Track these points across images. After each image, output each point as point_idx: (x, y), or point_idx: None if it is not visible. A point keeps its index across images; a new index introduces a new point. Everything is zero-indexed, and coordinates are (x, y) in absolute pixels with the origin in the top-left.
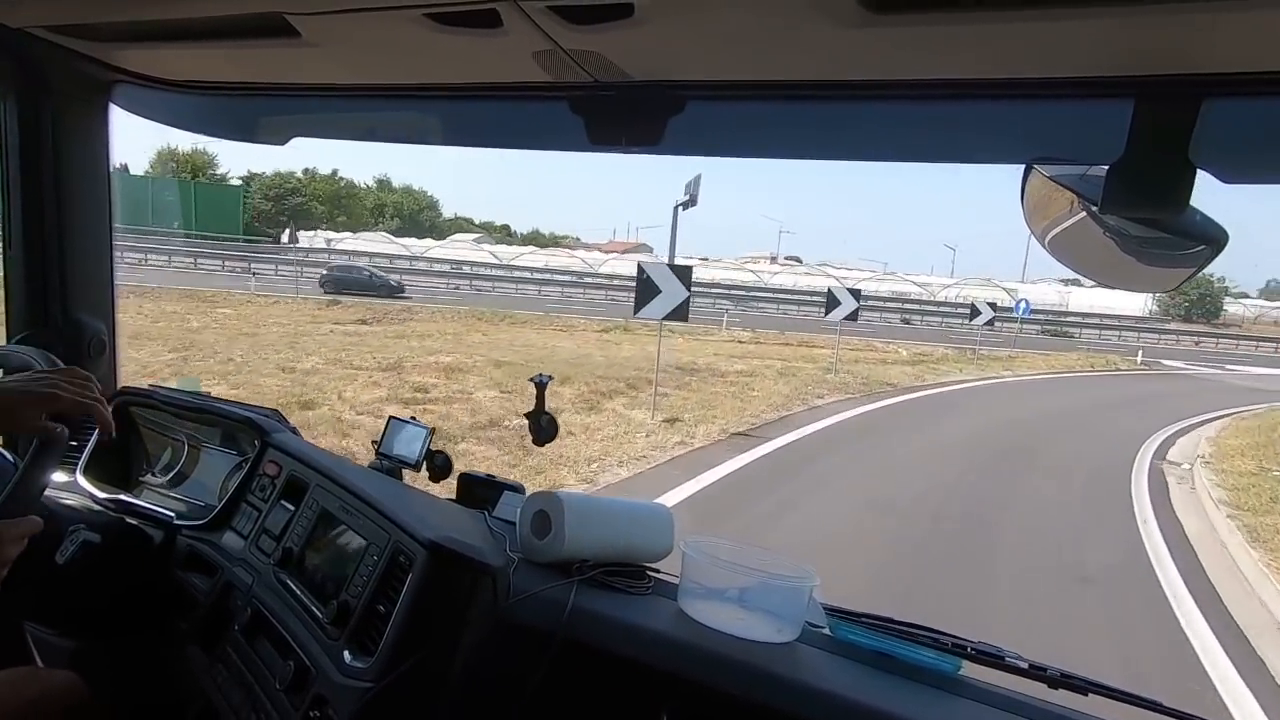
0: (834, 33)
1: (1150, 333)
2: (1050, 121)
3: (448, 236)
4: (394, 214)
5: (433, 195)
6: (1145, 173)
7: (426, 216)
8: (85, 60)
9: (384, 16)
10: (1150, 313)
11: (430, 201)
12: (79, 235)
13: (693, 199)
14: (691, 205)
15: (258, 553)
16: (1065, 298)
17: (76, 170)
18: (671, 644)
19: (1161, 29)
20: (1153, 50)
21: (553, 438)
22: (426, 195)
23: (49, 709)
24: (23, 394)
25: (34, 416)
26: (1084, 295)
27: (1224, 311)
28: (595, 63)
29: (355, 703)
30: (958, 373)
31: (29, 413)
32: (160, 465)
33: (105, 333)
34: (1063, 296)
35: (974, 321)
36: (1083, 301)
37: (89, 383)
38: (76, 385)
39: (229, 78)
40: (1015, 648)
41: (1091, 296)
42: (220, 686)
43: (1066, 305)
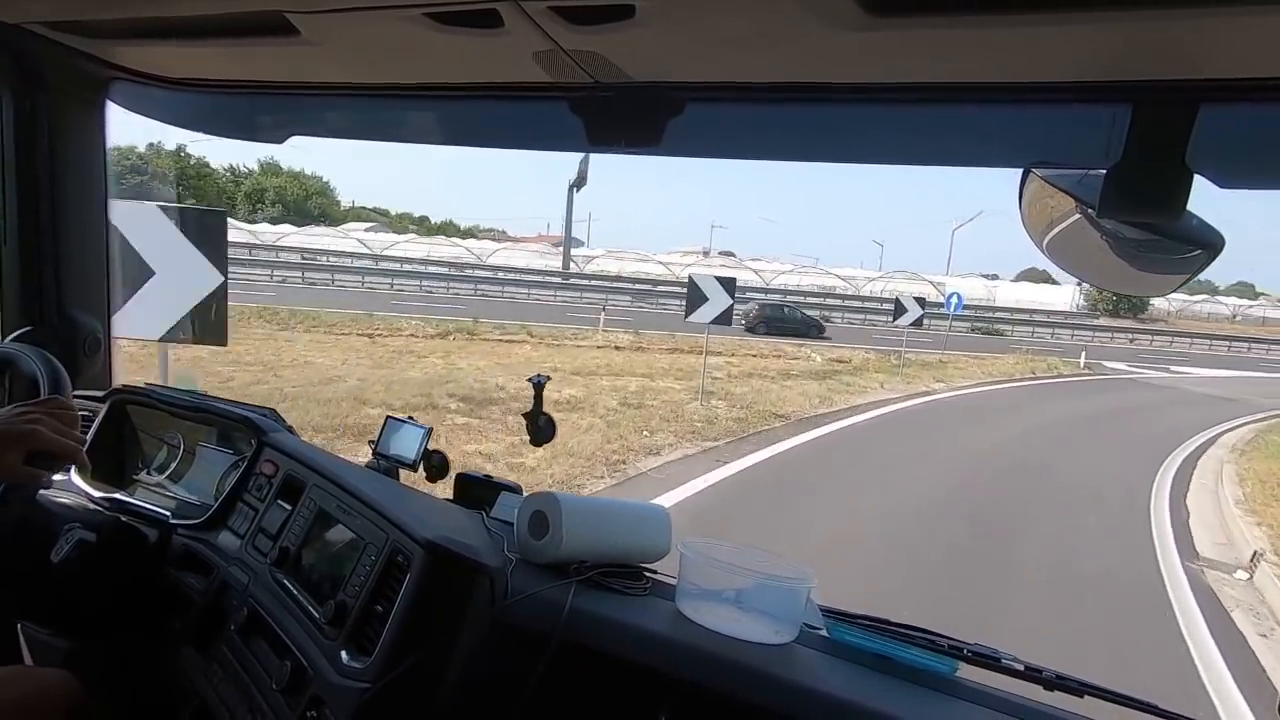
0: (833, 35)
1: (1082, 329)
2: (1048, 126)
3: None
4: (275, 200)
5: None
6: (1143, 177)
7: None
8: (82, 57)
9: (384, 16)
10: (1077, 306)
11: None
12: (75, 233)
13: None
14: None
15: (254, 552)
16: (992, 292)
17: (72, 167)
18: (669, 645)
19: (1160, 35)
20: (1151, 56)
21: (550, 438)
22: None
23: (42, 707)
24: (1, 433)
25: (12, 459)
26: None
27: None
28: (595, 63)
29: (352, 703)
30: (878, 387)
31: (7, 454)
32: (156, 464)
33: (100, 330)
34: (990, 291)
35: (899, 321)
36: (1009, 296)
37: (71, 416)
38: (58, 421)
39: (227, 76)
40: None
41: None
42: (216, 687)
43: (994, 300)
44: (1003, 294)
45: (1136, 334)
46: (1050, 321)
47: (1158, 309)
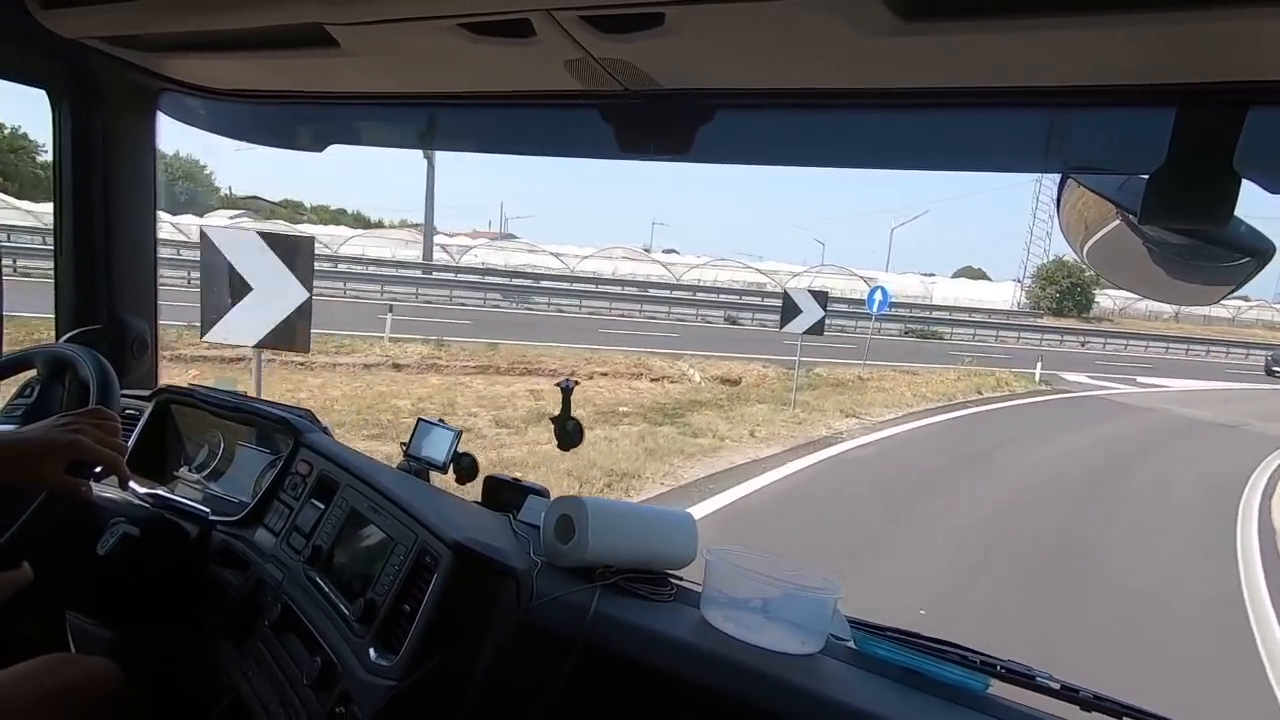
0: (866, 41)
1: (1028, 331)
2: (1088, 130)
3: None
4: None
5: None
6: (1187, 182)
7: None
8: (135, 69)
9: (419, 27)
10: (1019, 304)
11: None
12: (126, 238)
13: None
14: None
15: (288, 550)
16: (929, 289)
17: (125, 175)
18: (693, 652)
19: (1206, 36)
20: (1197, 57)
21: (578, 443)
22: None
23: (87, 694)
24: (44, 443)
25: (54, 468)
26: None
27: (1094, 304)
28: (626, 71)
29: (379, 700)
30: (746, 436)
31: (49, 463)
32: (197, 462)
33: (148, 332)
34: (927, 288)
35: (789, 327)
36: (947, 294)
37: (113, 426)
38: (100, 431)
39: (270, 86)
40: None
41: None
42: (250, 680)
43: (931, 298)
44: (941, 291)
45: (1087, 335)
46: (993, 323)
47: (1101, 307)
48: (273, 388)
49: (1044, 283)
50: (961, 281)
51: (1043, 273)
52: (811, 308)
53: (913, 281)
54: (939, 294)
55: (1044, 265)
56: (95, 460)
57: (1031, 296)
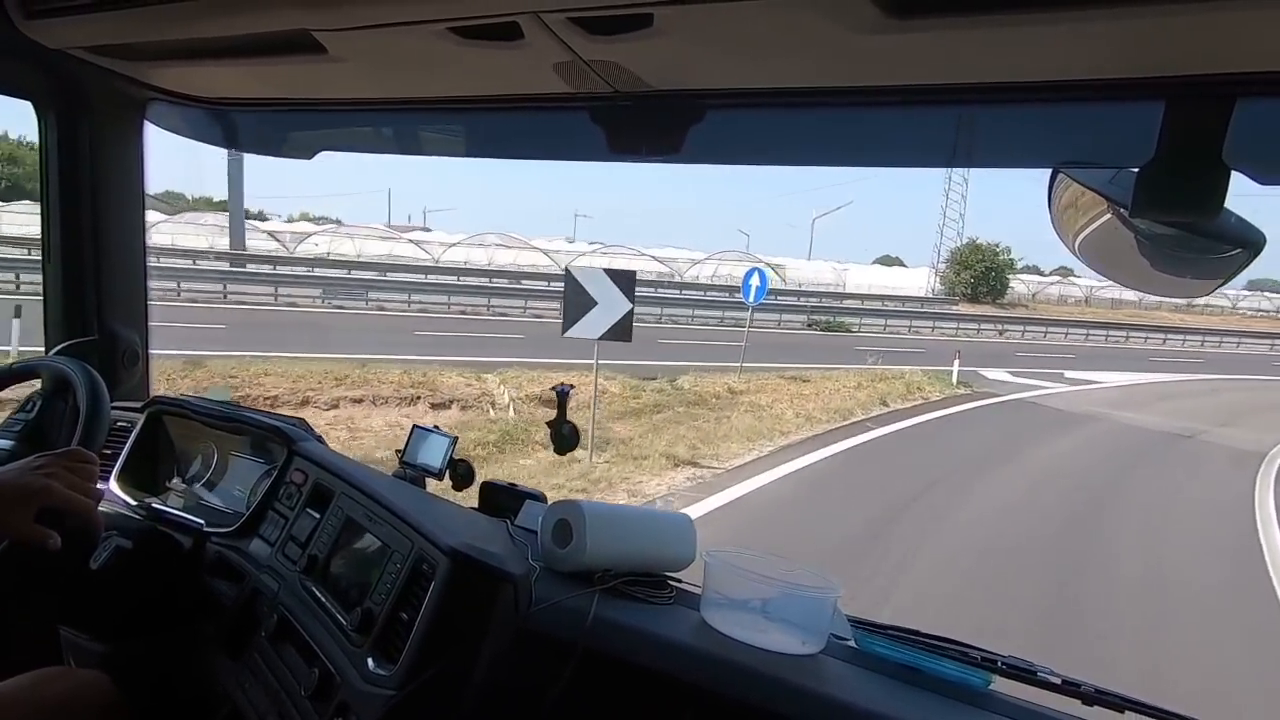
0: (854, 38)
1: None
2: (1077, 124)
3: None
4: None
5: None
6: (1177, 175)
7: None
8: (121, 79)
9: (407, 31)
10: (934, 290)
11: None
12: (114, 248)
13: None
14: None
15: (284, 560)
16: (842, 276)
17: (113, 185)
18: (694, 655)
19: (1193, 29)
20: (1185, 50)
21: (574, 446)
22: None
23: (80, 707)
24: (15, 487)
25: (24, 515)
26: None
27: (1009, 289)
28: (615, 73)
29: (378, 710)
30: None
31: (19, 511)
32: (191, 473)
33: (139, 343)
34: (839, 275)
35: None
36: (860, 281)
37: (89, 471)
38: (75, 476)
39: (258, 94)
40: None
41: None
42: (246, 692)
43: (844, 286)
44: (855, 278)
45: (1005, 323)
46: (905, 312)
47: (1016, 292)
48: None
49: (958, 267)
50: (876, 268)
51: (957, 257)
52: (611, 297)
53: (824, 269)
54: (853, 281)
55: (958, 249)
56: (67, 508)
57: (946, 282)
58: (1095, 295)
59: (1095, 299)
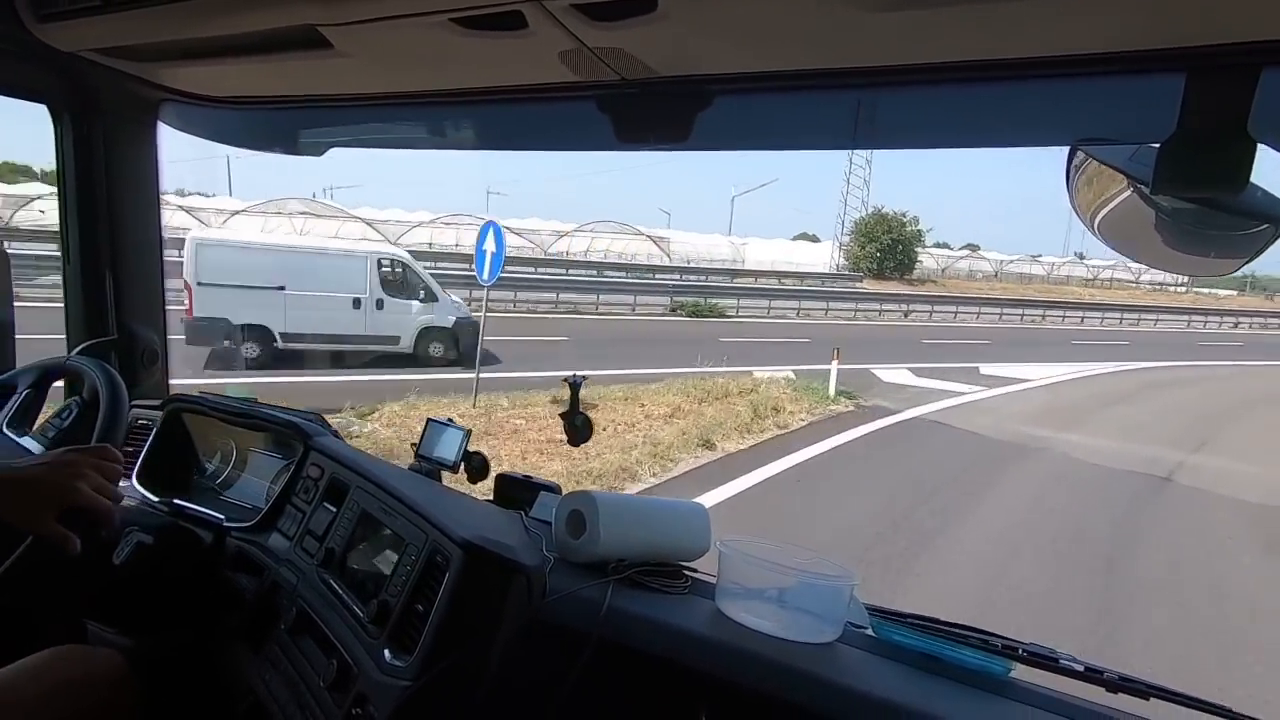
0: (861, 17)
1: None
2: (1095, 99)
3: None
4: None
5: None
6: (1200, 150)
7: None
8: (133, 80)
9: (411, 24)
10: (838, 266)
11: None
12: (131, 249)
13: None
14: None
15: (302, 553)
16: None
17: (128, 186)
18: (709, 644)
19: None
20: (1205, 20)
21: (588, 438)
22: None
23: (92, 684)
24: (45, 485)
25: (48, 514)
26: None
27: (916, 265)
28: (620, 59)
29: (394, 701)
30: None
31: (44, 509)
32: (210, 469)
33: (157, 342)
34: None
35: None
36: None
37: (114, 471)
38: (100, 476)
39: (267, 92)
40: None
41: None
42: (267, 684)
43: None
44: (755, 254)
45: (911, 302)
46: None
47: (925, 267)
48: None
49: (863, 240)
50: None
51: (862, 228)
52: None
53: (718, 242)
54: (754, 257)
55: (862, 219)
56: (90, 510)
57: (850, 257)
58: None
59: (1005, 273)
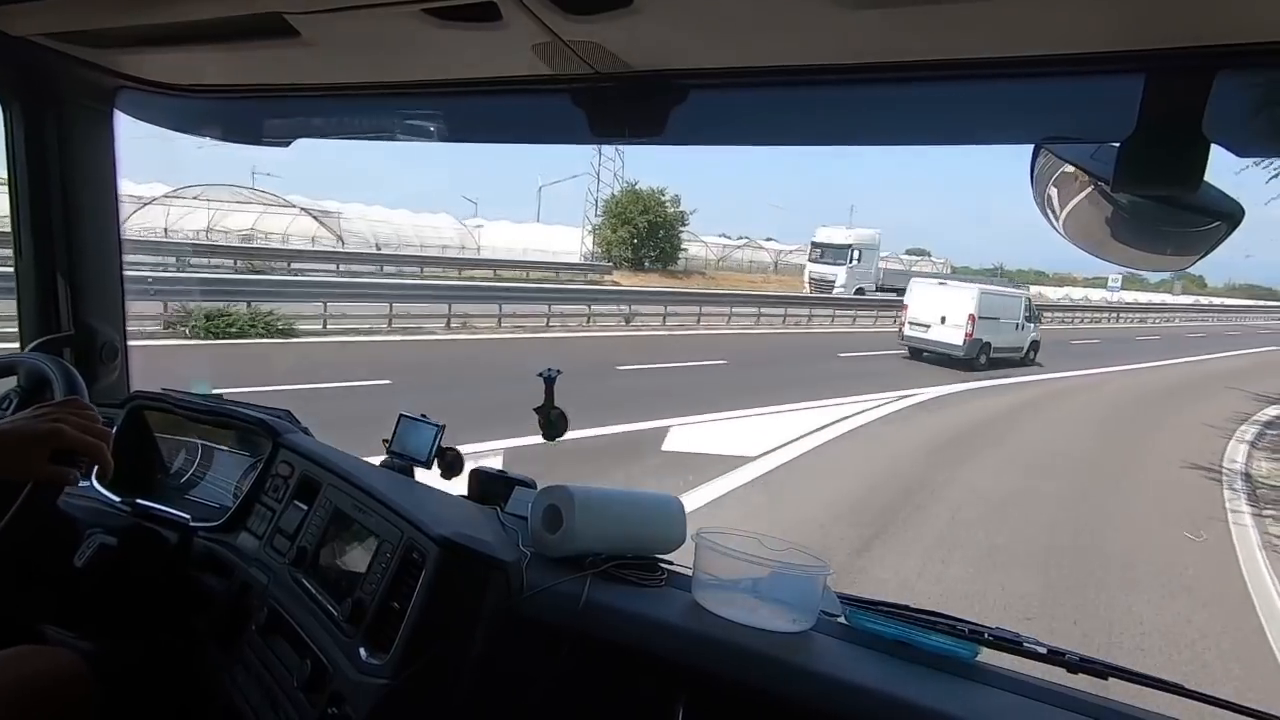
0: (835, 14)
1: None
2: (1059, 99)
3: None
4: None
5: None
6: (1158, 148)
7: None
8: (89, 67)
9: (381, 13)
10: (589, 255)
11: None
12: (88, 242)
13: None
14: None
15: (273, 553)
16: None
17: (83, 177)
18: (686, 635)
19: (1173, 2)
20: (1163, 23)
21: (563, 433)
22: None
23: (51, 684)
24: (24, 434)
25: (39, 458)
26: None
27: (683, 253)
28: (595, 53)
29: (372, 699)
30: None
31: (33, 453)
32: (175, 468)
33: (116, 338)
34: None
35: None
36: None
37: (93, 415)
38: (81, 420)
39: (231, 80)
40: None
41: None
42: (239, 686)
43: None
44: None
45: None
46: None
47: (695, 257)
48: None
49: (615, 222)
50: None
51: (612, 208)
52: None
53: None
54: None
55: (613, 199)
56: (78, 448)
57: (602, 242)
58: (784, 260)
59: (784, 264)
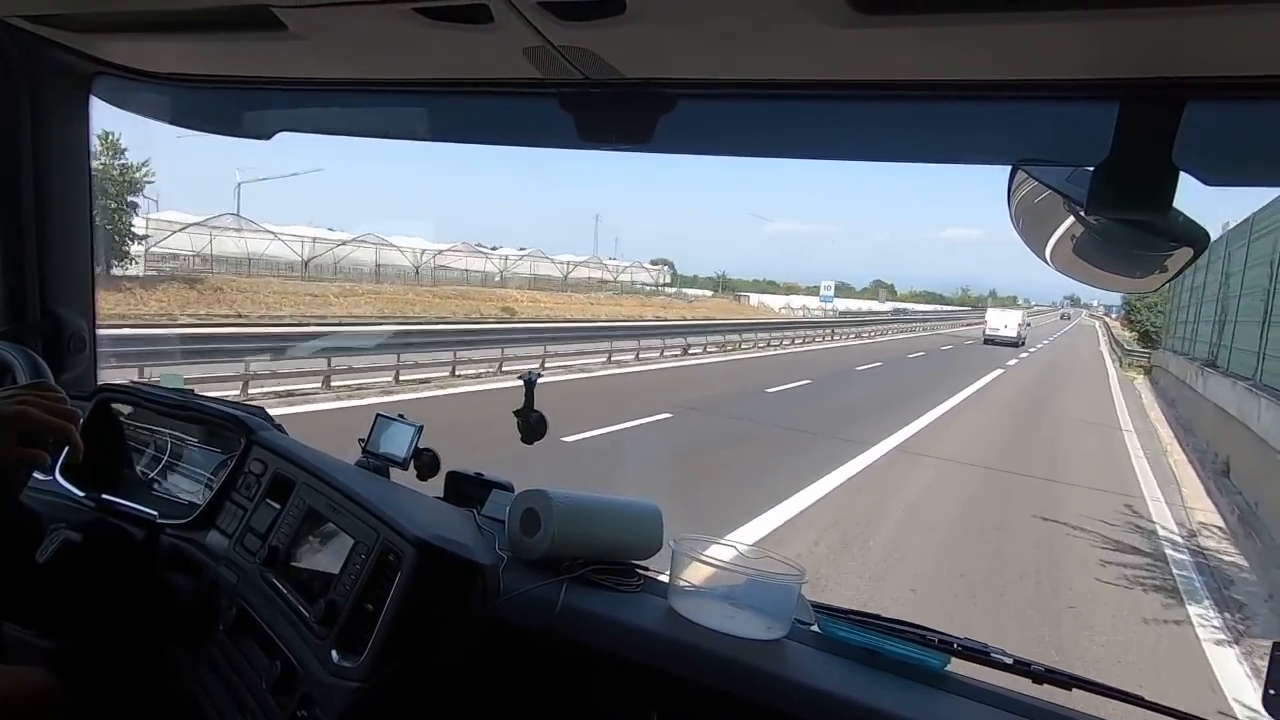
0: (824, 32)
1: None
2: (1037, 123)
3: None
4: None
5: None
6: (1130, 174)
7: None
8: (66, 51)
9: (373, 10)
10: None
11: None
12: (58, 230)
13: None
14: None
15: (243, 552)
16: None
17: (55, 163)
18: (661, 642)
19: (1147, 33)
20: (1138, 54)
21: (542, 435)
22: None
23: (18, 705)
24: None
25: (6, 441)
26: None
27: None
28: (586, 60)
29: (343, 702)
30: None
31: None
32: (143, 463)
33: (85, 329)
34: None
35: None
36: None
37: (58, 396)
38: (46, 401)
39: (214, 71)
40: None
41: None
42: (205, 687)
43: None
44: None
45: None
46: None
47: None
48: None
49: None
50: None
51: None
52: None
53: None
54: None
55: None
56: (46, 429)
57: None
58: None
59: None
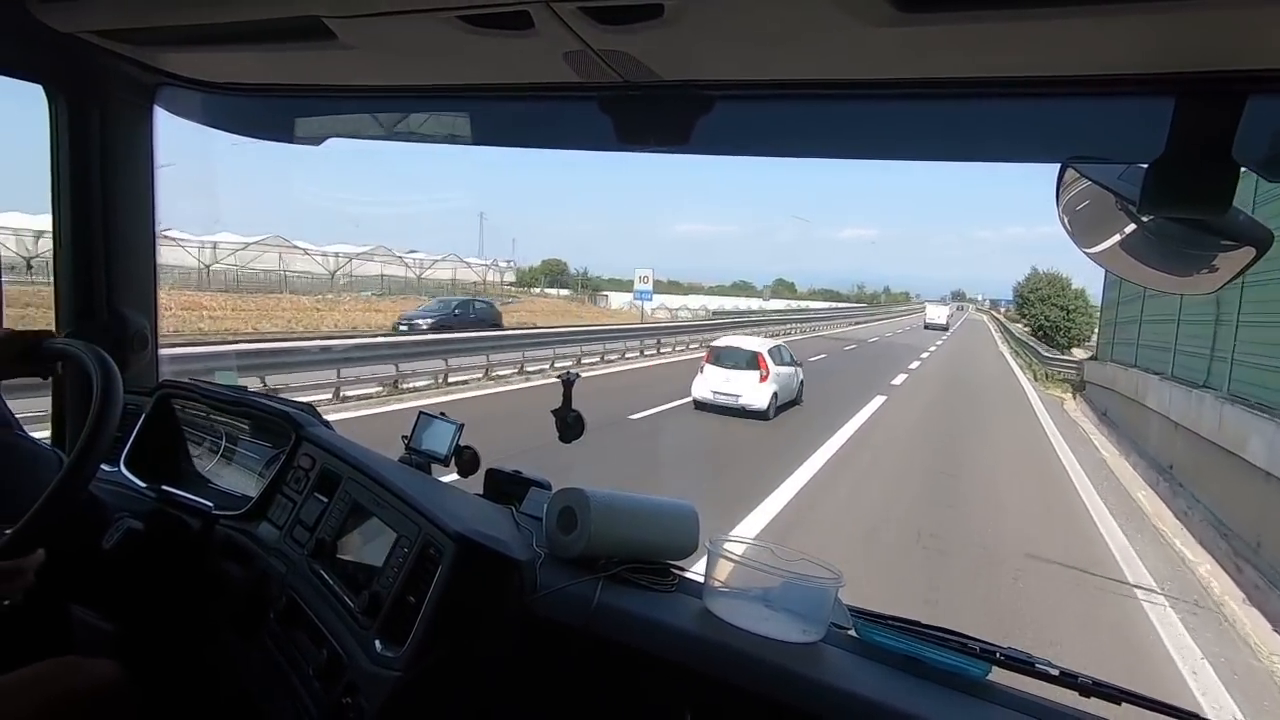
0: (864, 32)
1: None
2: (1087, 119)
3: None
4: None
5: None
6: (1187, 172)
7: None
8: (132, 64)
9: (418, 19)
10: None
11: None
12: (124, 233)
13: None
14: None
15: (292, 543)
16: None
17: (123, 170)
18: (696, 642)
19: (1205, 26)
20: (1196, 48)
21: (579, 434)
22: None
23: (90, 699)
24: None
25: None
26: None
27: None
28: (625, 63)
29: (385, 691)
30: None
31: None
32: (200, 456)
33: (147, 328)
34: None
35: None
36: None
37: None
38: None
39: (268, 80)
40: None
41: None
42: (256, 672)
43: None
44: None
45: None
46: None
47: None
48: None
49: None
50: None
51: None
52: None
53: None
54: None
55: None
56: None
57: None
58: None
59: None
